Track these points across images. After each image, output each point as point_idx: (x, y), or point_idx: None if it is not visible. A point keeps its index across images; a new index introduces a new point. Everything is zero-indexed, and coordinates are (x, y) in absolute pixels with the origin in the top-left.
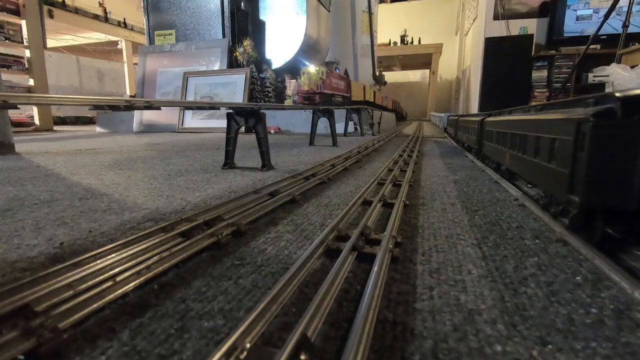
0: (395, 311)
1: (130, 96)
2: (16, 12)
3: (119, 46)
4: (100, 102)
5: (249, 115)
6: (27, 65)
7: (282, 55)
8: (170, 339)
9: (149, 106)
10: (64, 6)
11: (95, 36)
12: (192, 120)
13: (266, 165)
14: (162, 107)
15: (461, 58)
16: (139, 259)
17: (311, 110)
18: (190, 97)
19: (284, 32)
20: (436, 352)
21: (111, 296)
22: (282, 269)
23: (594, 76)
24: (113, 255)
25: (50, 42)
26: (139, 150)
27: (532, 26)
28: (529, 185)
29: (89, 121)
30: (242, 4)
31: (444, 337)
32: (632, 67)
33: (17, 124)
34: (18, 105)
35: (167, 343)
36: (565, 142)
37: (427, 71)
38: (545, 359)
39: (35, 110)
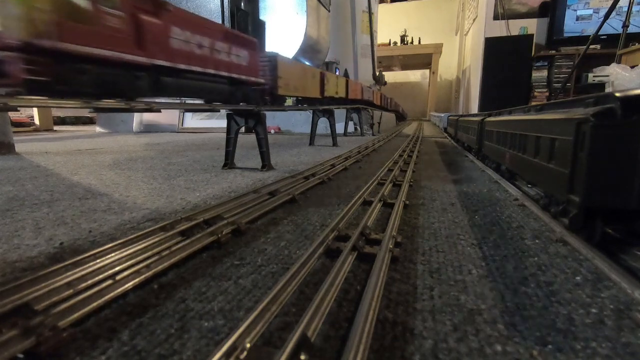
0: (395, 311)
1: None
2: None
3: None
4: (100, 105)
5: (249, 115)
6: None
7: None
8: (170, 339)
9: (149, 109)
10: None
11: None
12: (192, 120)
13: (266, 165)
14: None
15: (461, 58)
16: (139, 258)
17: (311, 111)
18: None
19: (284, 32)
20: (436, 352)
21: (111, 295)
22: (282, 269)
23: (594, 76)
24: (112, 254)
25: None
26: (139, 151)
27: (532, 26)
28: (529, 185)
29: (89, 121)
30: (242, 4)
31: (444, 337)
32: (632, 67)
33: (17, 124)
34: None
35: (167, 343)
36: (565, 142)
37: (427, 71)
38: (545, 359)
39: (35, 111)
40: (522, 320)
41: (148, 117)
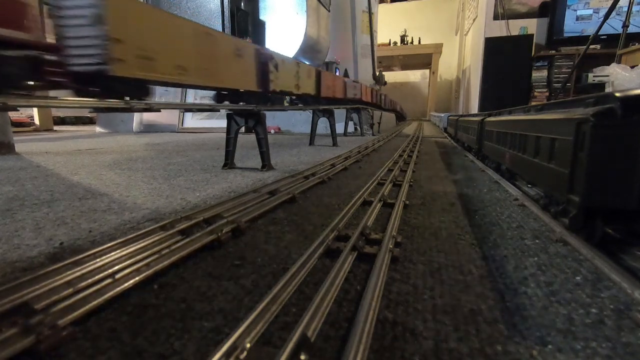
0: (395, 311)
1: None
2: None
3: None
4: (100, 105)
5: (249, 115)
6: None
7: None
8: (171, 338)
9: (149, 108)
10: None
11: None
12: (192, 120)
13: (266, 165)
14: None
15: (461, 58)
16: (139, 257)
17: (311, 110)
18: (190, 97)
19: (284, 32)
20: (436, 352)
21: (111, 294)
22: (282, 269)
23: (594, 76)
24: (112, 253)
25: None
26: (139, 151)
27: (532, 26)
28: (529, 185)
29: (89, 121)
30: (242, 4)
31: (445, 337)
32: (632, 67)
33: (17, 124)
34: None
35: (167, 343)
36: (565, 142)
37: (427, 71)
38: (545, 359)
39: (35, 110)
40: (522, 320)
41: (148, 117)
